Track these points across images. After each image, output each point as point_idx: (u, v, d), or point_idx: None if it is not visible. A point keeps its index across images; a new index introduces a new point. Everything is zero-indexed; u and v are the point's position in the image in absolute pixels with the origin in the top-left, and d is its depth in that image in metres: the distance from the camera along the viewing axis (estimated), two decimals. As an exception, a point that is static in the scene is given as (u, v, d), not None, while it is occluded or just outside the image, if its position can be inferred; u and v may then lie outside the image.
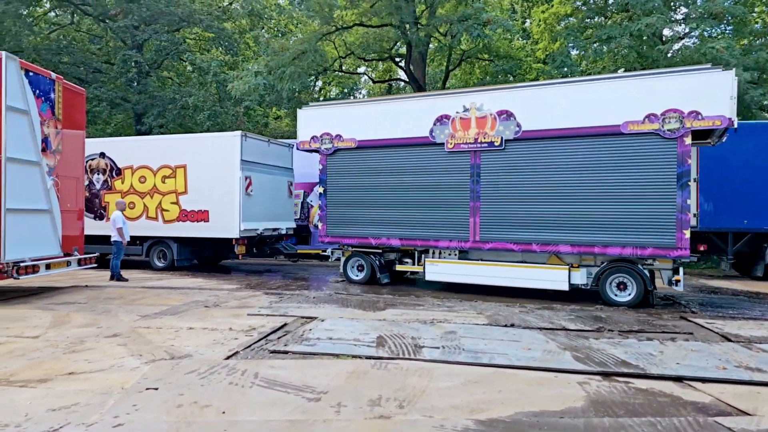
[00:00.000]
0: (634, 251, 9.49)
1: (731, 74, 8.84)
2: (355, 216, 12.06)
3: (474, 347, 6.63)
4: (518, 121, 10.36)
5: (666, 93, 9.23)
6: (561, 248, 10.08)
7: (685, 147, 9.12)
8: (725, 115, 8.80)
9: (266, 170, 14.78)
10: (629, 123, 9.45)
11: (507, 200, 10.53)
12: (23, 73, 9.75)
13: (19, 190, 9.62)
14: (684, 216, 9.12)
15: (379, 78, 29.78)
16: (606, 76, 10.42)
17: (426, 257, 11.55)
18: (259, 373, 5.48)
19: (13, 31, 21.06)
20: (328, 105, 12.97)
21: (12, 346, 6.59)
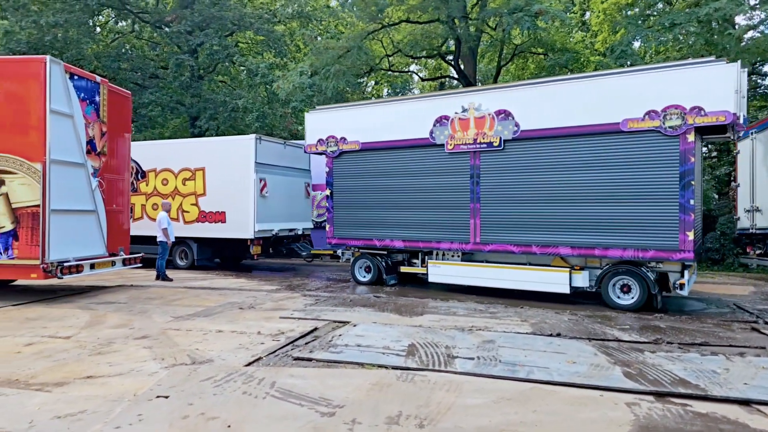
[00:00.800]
0: (636, 254, 9.10)
1: (735, 67, 8.30)
2: (359, 218, 12.07)
3: (512, 359, 6.08)
4: (516, 121, 10.13)
5: (667, 88, 8.77)
6: (561, 250, 9.78)
7: (687, 144, 8.65)
8: (729, 110, 8.29)
9: (282, 172, 15.01)
10: (629, 120, 9.06)
11: (507, 201, 10.33)
12: (67, 77, 9.92)
13: (63, 191, 9.78)
14: (687, 217, 8.68)
15: (429, 76, 29.29)
16: (604, 72, 9.94)
17: (429, 259, 11.46)
18: (276, 383, 5.17)
19: (75, 39, 21.93)
20: (334, 108, 12.86)
21: (42, 347, 6.59)
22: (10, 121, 9.42)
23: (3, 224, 9.38)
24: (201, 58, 23.50)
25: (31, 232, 9.34)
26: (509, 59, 23.84)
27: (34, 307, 9.25)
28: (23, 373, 5.54)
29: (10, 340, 6.87)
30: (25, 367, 5.72)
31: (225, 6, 23.05)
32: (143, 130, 24.85)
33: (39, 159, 9.36)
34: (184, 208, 15.01)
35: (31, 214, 9.34)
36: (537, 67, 24.84)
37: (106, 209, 10.99)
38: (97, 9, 24.15)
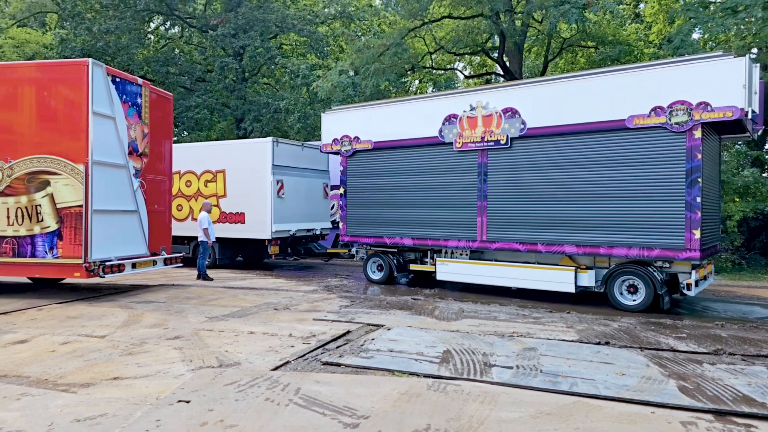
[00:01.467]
0: (641, 252, 8.92)
1: (744, 61, 8.04)
2: (371, 216, 12.20)
3: (554, 369, 5.66)
4: (523, 119, 10.09)
5: (673, 84, 8.60)
6: (566, 248, 9.67)
7: (694, 141, 8.46)
8: (737, 105, 8.06)
9: (300, 173, 15.27)
10: (635, 117, 8.90)
11: (513, 199, 10.29)
12: (110, 79, 10.07)
13: (105, 191, 9.93)
14: (693, 215, 8.46)
15: (474, 73, 28.70)
16: (610, 69, 9.77)
17: (438, 257, 11.44)
18: (301, 389, 4.95)
19: (126, 44, 22.58)
20: (348, 108, 13.01)
21: (77, 346, 6.61)
22: (55, 123, 9.62)
23: (48, 224, 9.59)
24: (245, 61, 23.77)
25: (74, 231, 9.51)
26: (557, 53, 23.06)
27: (77, 305, 9.40)
28: (53, 372, 5.53)
29: (47, 339, 6.94)
30: (56, 367, 5.72)
31: (269, 8, 23.25)
32: (190, 132, 25.38)
33: (82, 160, 9.52)
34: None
35: (74, 214, 9.51)
36: (587, 61, 23.93)
37: (148, 209, 11.11)
38: (147, 16, 24.85)
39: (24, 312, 8.76)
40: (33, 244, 9.61)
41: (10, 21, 27.71)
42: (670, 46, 18.28)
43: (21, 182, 9.62)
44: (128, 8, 22.59)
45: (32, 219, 9.60)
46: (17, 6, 26.99)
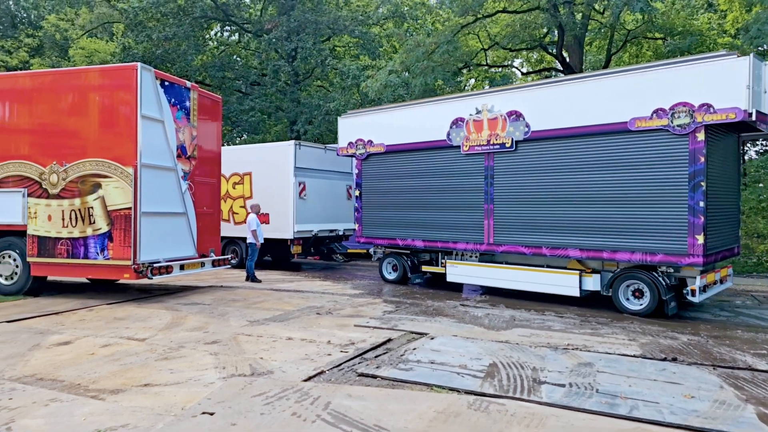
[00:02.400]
0: (644, 257, 8.75)
1: (747, 60, 7.75)
2: (385, 218, 12.40)
3: (612, 388, 5.09)
4: (527, 122, 10.04)
5: (675, 85, 8.42)
6: (570, 252, 9.56)
7: (697, 144, 8.23)
8: (740, 106, 7.80)
9: (322, 175, 15.63)
10: (636, 119, 8.75)
11: (518, 202, 10.28)
12: (158, 83, 10.16)
13: (154, 194, 10.01)
14: (696, 219, 8.26)
15: (532, 69, 27.74)
16: (611, 70, 9.64)
17: (448, 259, 11.49)
18: (331, 404, 4.64)
19: (184, 51, 23.18)
20: (363, 113, 13.22)
21: (116, 348, 6.59)
22: (106, 127, 9.78)
23: (100, 226, 9.76)
24: (297, 63, 23.90)
25: (123, 233, 9.63)
26: (620, 46, 21.86)
27: (126, 306, 9.51)
28: (87, 377, 5.47)
29: (90, 341, 6.97)
30: (91, 371, 5.66)
31: (321, 10, 23.28)
32: (245, 135, 25.77)
33: (131, 163, 9.63)
34: (234, 210, 15.82)
35: (123, 216, 9.63)
36: (655, 54, 22.58)
37: (196, 211, 11.17)
38: (205, 23, 25.45)
39: (75, 312, 8.92)
40: (85, 245, 9.80)
41: (80, 32, 29.10)
42: (747, 35, 16.90)
43: (75, 185, 9.84)
44: (186, 16, 23.18)
45: (85, 221, 9.80)
46: (86, 17, 28.29)
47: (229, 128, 26.27)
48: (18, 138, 10.18)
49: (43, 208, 9.95)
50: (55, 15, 31.05)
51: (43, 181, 9.97)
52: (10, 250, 10.31)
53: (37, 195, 9.99)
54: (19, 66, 30.67)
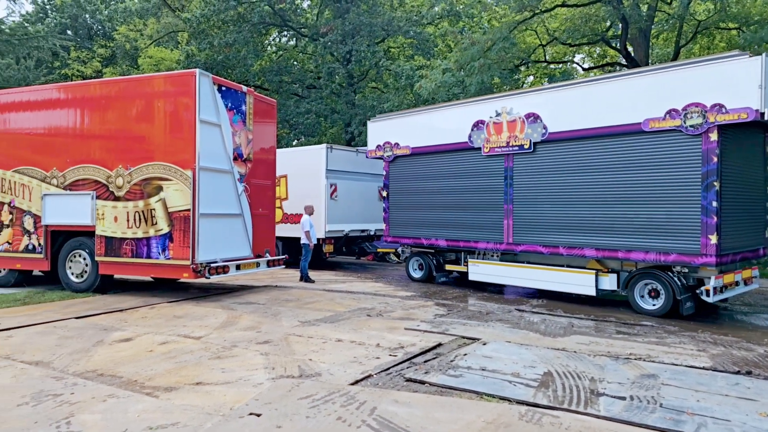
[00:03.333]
0: (658, 257, 8.83)
1: (759, 60, 7.77)
2: (410, 218, 12.81)
3: (678, 403, 4.76)
4: (544, 123, 10.25)
5: (687, 86, 8.50)
6: (586, 252, 9.73)
7: (710, 144, 8.27)
8: (752, 106, 7.82)
9: (354, 177, 16.16)
10: (650, 120, 8.85)
11: (536, 202, 10.47)
12: (216, 89, 10.43)
13: (211, 196, 10.28)
14: (709, 219, 8.30)
15: (594, 64, 26.79)
16: (626, 72, 10.04)
17: (470, 258, 11.80)
18: (377, 409, 4.56)
19: (243, 56, 23.81)
20: (390, 117, 13.78)
21: (173, 346, 6.77)
22: (167, 131, 10.13)
23: (161, 227, 10.12)
24: (351, 66, 24.06)
25: (183, 234, 9.94)
26: (690, 38, 20.73)
27: (185, 304, 9.81)
28: (144, 374, 5.63)
29: (149, 338, 7.20)
30: (148, 368, 5.84)
31: (376, 12, 23.33)
32: (302, 137, 26.19)
33: (190, 166, 9.92)
34: None
35: (183, 217, 9.94)
36: (728, 45, 21.29)
37: (252, 213, 11.39)
38: (264, 28, 26.06)
39: (138, 310, 9.27)
40: (148, 245, 10.18)
41: (148, 41, 30.49)
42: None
43: (138, 188, 10.24)
44: (246, 22, 23.81)
45: (148, 222, 10.18)
46: (154, 27, 29.63)
47: (287, 131, 26.79)
48: (88, 142, 10.70)
49: (110, 209, 10.41)
50: (126, 26, 32.66)
51: (110, 184, 10.43)
52: (81, 249, 10.85)
53: (104, 197, 10.47)
54: (92, 75, 32.46)
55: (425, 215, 12.47)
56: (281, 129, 25.41)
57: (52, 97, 11.14)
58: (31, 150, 11.17)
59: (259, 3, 23.19)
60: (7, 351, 6.47)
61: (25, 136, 11.24)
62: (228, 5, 22.76)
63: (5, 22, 20.46)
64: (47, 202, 10.95)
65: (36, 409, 4.60)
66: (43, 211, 10.97)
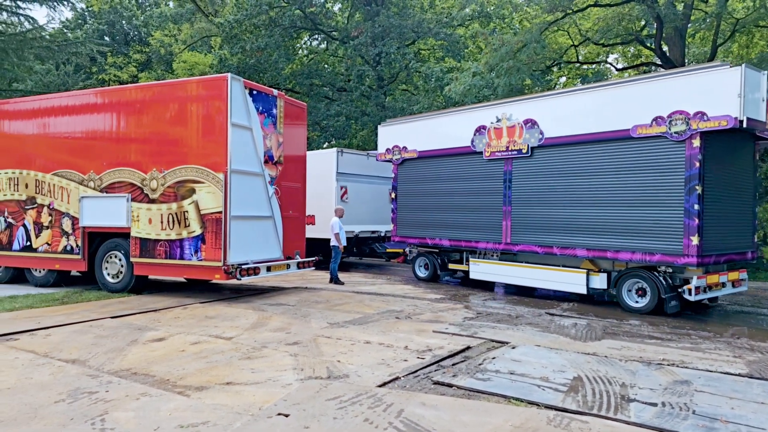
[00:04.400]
0: (643, 257, 9.30)
1: (739, 71, 8.30)
2: (416, 219, 13.41)
3: (711, 410, 4.64)
4: (541, 129, 10.76)
5: (672, 94, 9.00)
6: (578, 252, 10.21)
7: (693, 150, 8.78)
8: (731, 114, 8.33)
9: (365, 180, 16.64)
10: (638, 127, 9.34)
11: (533, 204, 10.98)
12: (247, 92, 10.60)
13: (242, 198, 10.45)
14: (691, 222, 8.78)
15: (628, 64, 26.28)
16: (616, 81, 10.57)
17: (472, 257, 12.33)
18: (404, 411, 4.57)
19: (274, 60, 24.12)
20: (399, 122, 14.33)
21: (205, 346, 6.91)
22: (199, 134, 10.34)
23: (194, 229, 10.33)
24: (381, 68, 24.14)
25: (214, 236, 10.13)
26: (728, 37, 20.14)
27: (217, 305, 9.99)
28: (176, 373, 5.76)
29: (182, 338, 7.36)
30: (180, 367, 5.97)
31: (406, 14, 23.37)
32: (332, 140, 26.37)
33: (221, 169, 10.11)
34: None
35: (214, 219, 10.13)
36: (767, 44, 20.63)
37: (282, 215, 11.53)
38: (295, 32, 26.37)
39: (171, 310, 9.48)
40: (181, 247, 10.41)
41: (182, 46, 31.18)
42: None
43: (172, 190, 10.48)
44: (277, 27, 24.14)
45: (181, 224, 10.41)
46: (187, 32, 30.29)
47: (318, 134, 27.04)
48: (124, 146, 10.99)
49: (145, 211, 10.68)
50: (161, 31, 33.46)
51: (144, 187, 10.70)
52: (117, 251, 11.15)
53: (139, 200, 10.74)
54: (128, 80, 33.34)
55: (430, 216, 13.05)
56: (312, 131, 25.66)
57: (89, 101, 11.49)
58: (70, 153, 11.54)
59: (290, 7, 23.50)
60: (45, 349, 6.70)
61: (64, 139, 11.62)
62: (260, 10, 23.13)
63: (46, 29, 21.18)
64: (84, 204, 11.30)
65: (72, 406, 4.75)
66: (81, 213, 11.32)
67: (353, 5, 25.64)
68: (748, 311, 10.16)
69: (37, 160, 11.93)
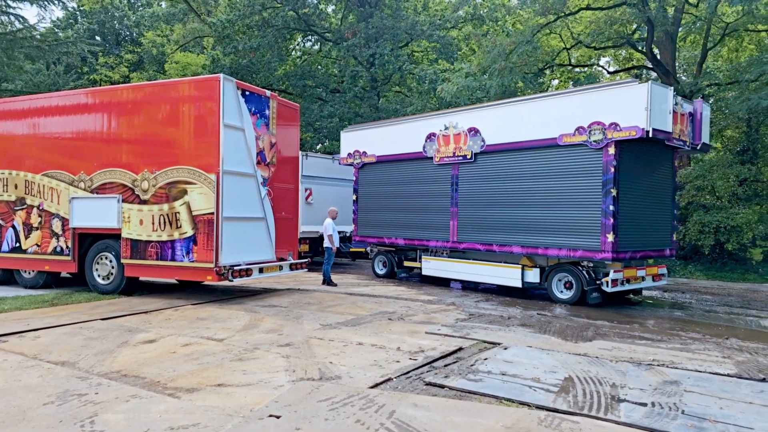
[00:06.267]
0: (569, 253, 10.31)
1: (646, 87, 9.36)
2: (375, 219, 14.34)
3: (700, 410, 4.68)
4: (483, 137, 11.81)
5: (591, 107, 10.04)
6: (514, 249, 11.24)
7: (609, 156, 9.78)
8: (639, 125, 9.37)
9: (330, 182, 17.34)
10: (564, 135, 10.38)
11: (476, 206, 12.01)
12: (239, 93, 10.58)
13: (235, 199, 10.41)
14: (607, 221, 9.74)
15: (620, 67, 26.45)
16: (546, 94, 11.87)
17: (424, 255, 13.37)
18: (396, 412, 4.57)
19: (267, 60, 24.07)
20: (360, 128, 15.39)
21: (196, 348, 6.88)
22: (191, 135, 10.29)
23: (186, 230, 10.28)
24: (375, 69, 24.15)
25: (206, 237, 10.09)
26: (718, 40, 20.32)
27: (208, 307, 9.95)
28: (167, 375, 5.73)
29: (173, 340, 7.32)
30: (171, 369, 5.94)
31: (399, 16, 23.40)
32: (325, 141, 26.34)
33: (213, 170, 10.07)
34: None
35: (206, 220, 10.08)
36: (757, 47, 20.82)
37: (275, 216, 11.50)
38: (288, 33, 26.32)
39: (162, 311, 9.43)
40: (173, 248, 10.35)
41: (174, 46, 31.05)
42: None
43: (163, 191, 10.43)
44: (270, 27, 24.10)
45: (172, 225, 10.36)
46: (180, 33, 30.16)
47: (311, 135, 26.99)
48: (115, 147, 10.92)
49: (136, 212, 10.62)
50: (153, 32, 33.30)
51: (136, 188, 10.65)
52: (107, 252, 11.08)
53: (130, 200, 10.68)
54: (120, 80, 33.16)
55: (387, 217, 14.03)
56: (305, 133, 25.61)
57: (80, 102, 11.42)
58: (60, 154, 11.46)
59: (284, 8, 23.45)
60: (34, 351, 6.65)
61: (54, 140, 11.54)
62: (253, 10, 23.08)
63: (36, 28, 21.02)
64: (75, 205, 11.22)
65: (61, 408, 4.72)
66: (71, 214, 11.24)
67: (347, 6, 25.66)
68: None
69: (26, 160, 11.84)
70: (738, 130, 19.97)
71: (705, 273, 16.22)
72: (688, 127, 10.43)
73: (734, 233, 16.16)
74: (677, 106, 9.98)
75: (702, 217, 16.45)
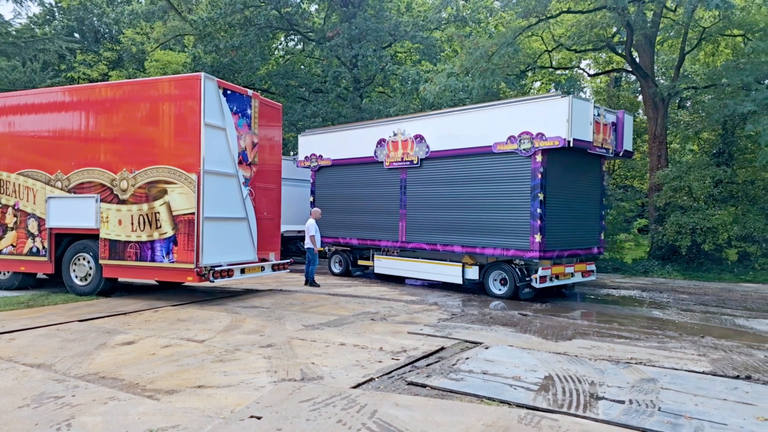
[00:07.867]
0: (502, 252, 11.10)
1: (567, 101, 10.13)
2: (331, 220, 14.70)
3: (676, 407, 4.76)
4: (427, 144, 12.55)
5: (521, 118, 10.78)
6: (455, 248, 11.99)
7: (536, 164, 10.57)
8: (562, 135, 10.14)
9: (293, 184, 17.40)
10: (498, 144, 11.16)
11: (422, 208, 12.78)
12: (221, 92, 10.49)
13: (216, 199, 10.32)
14: (535, 222, 10.54)
15: (601, 70, 26.78)
16: (482, 104, 12.30)
17: (377, 254, 14.05)
18: (378, 412, 4.57)
19: (249, 59, 23.90)
20: (316, 132, 16.02)
21: (176, 349, 6.81)
22: (171, 134, 10.18)
23: (166, 230, 10.16)
24: (358, 70, 24.14)
25: (187, 238, 9.98)
26: (695, 45, 20.67)
27: (189, 308, 9.85)
28: (146, 377, 5.66)
29: (152, 342, 7.24)
30: (150, 371, 5.87)
31: (382, 17, 23.41)
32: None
33: (194, 170, 9.97)
34: None
35: (187, 221, 9.98)
36: (734, 52, 21.23)
37: (257, 217, 11.42)
38: (271, 32, 26.16)
39: (141, 313, 9.32)
40: (152, 248, 10.23)
41: (154, 44, 30.66)
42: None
43: (143, 191, 10.30)
44: (252, 26, 23.93)
45: (152, 225, 10.23)
46: (160, 30, 29.76)
47: (294, 134, 26.86)
48: (93, 145, 10.75)
49: (114, 212, 10.47)
50: (133, 29, 32.85)
51: (114, 187, 10.50)
52: (85, 252, 10.92)
53: (109, 200, 10.53)
54: (98, 78, 32.64)
55: (342, 218, 14.58)
56: (288, 132, 25.48)
57: (57, 99, 11.22)
58: (36, 152, 11.25)
59: (266, 7, 23.30)
60: (9, 353, 6.52)
61: (30, 138, 11.33)
62: (234, 8, 22.88)
63: (12, 24, 20.60)
64: (51, 204, 11.03)
65: (37, 411, 4.64)
66: (48, 214, 11.04)
67: (330, 6, 25.58)
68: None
69: (1, 159, 11.60)
70: (714, 132, 20.35)
71: (682, 273, 16.51)
72: (611, 136, 11.19)
73: (710, 234, 16.50)
74: (600, 117, 10.77)
75: (679, 218, 16.74)
